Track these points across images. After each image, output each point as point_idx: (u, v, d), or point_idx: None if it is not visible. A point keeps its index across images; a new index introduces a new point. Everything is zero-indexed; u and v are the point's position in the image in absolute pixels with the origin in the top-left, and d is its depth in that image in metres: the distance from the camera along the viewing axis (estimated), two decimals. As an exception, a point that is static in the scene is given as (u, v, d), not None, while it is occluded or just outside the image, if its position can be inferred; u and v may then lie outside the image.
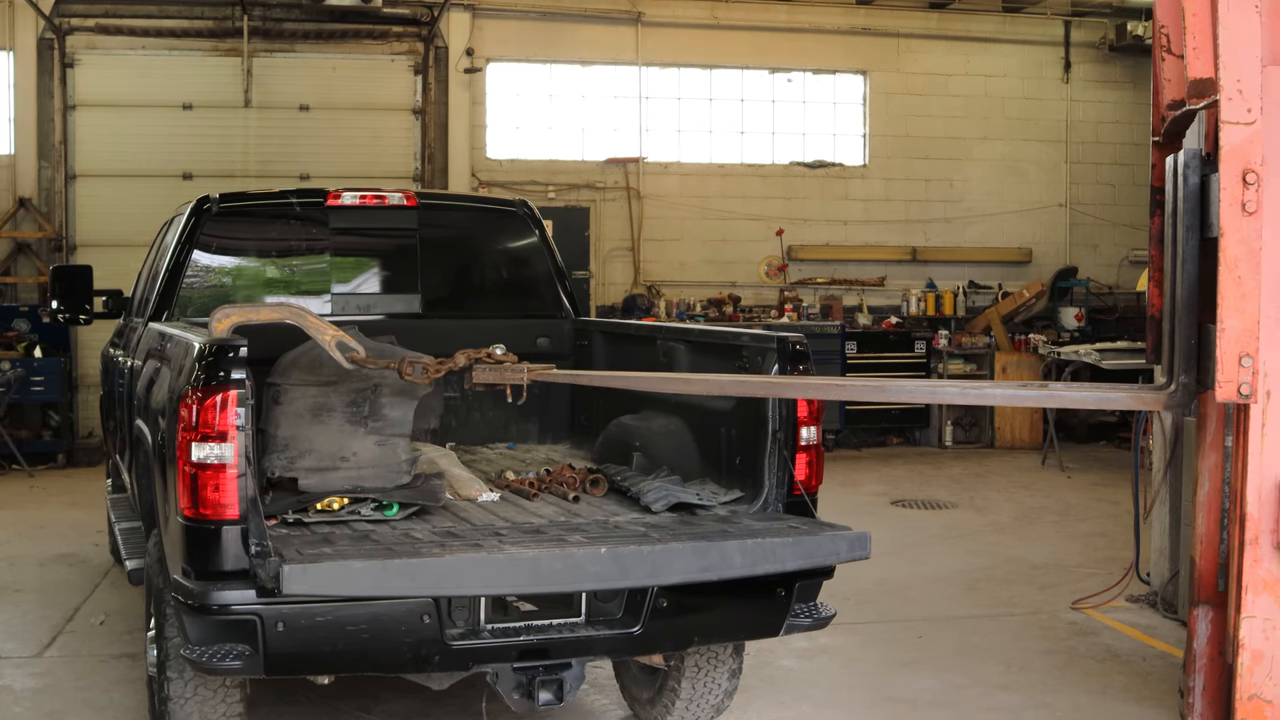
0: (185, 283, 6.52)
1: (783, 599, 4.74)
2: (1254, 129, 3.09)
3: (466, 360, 5.12)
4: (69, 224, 14.15)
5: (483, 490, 5.36)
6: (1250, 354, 3.12)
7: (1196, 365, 3.39)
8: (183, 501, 4.14)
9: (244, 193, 7.31)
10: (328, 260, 6.99)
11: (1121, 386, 3.79)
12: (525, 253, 7.34)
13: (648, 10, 15.25)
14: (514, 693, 4.65)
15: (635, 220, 15.32)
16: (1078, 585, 8.33)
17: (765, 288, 15.78)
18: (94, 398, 12.79)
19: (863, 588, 7.98)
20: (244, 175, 14.08)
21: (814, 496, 5.02)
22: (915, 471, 13.49)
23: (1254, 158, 3.09)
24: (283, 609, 4.09)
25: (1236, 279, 3.11)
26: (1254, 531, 3.18)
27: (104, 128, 14.17)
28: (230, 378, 4.11)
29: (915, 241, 16.17)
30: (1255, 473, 3.18)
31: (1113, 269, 16.69)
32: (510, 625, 4.56)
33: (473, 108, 14.89)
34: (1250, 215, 3.10)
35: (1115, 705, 6.15)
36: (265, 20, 14.37)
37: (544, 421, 7.01)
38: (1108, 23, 16.53)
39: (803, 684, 6.44)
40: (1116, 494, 11.41)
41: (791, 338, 4.96)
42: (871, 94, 16.07)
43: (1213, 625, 3.43)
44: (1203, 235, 3.36)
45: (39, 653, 6.83)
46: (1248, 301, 3.11)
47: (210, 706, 4.65)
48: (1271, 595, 3.17)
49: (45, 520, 10.47)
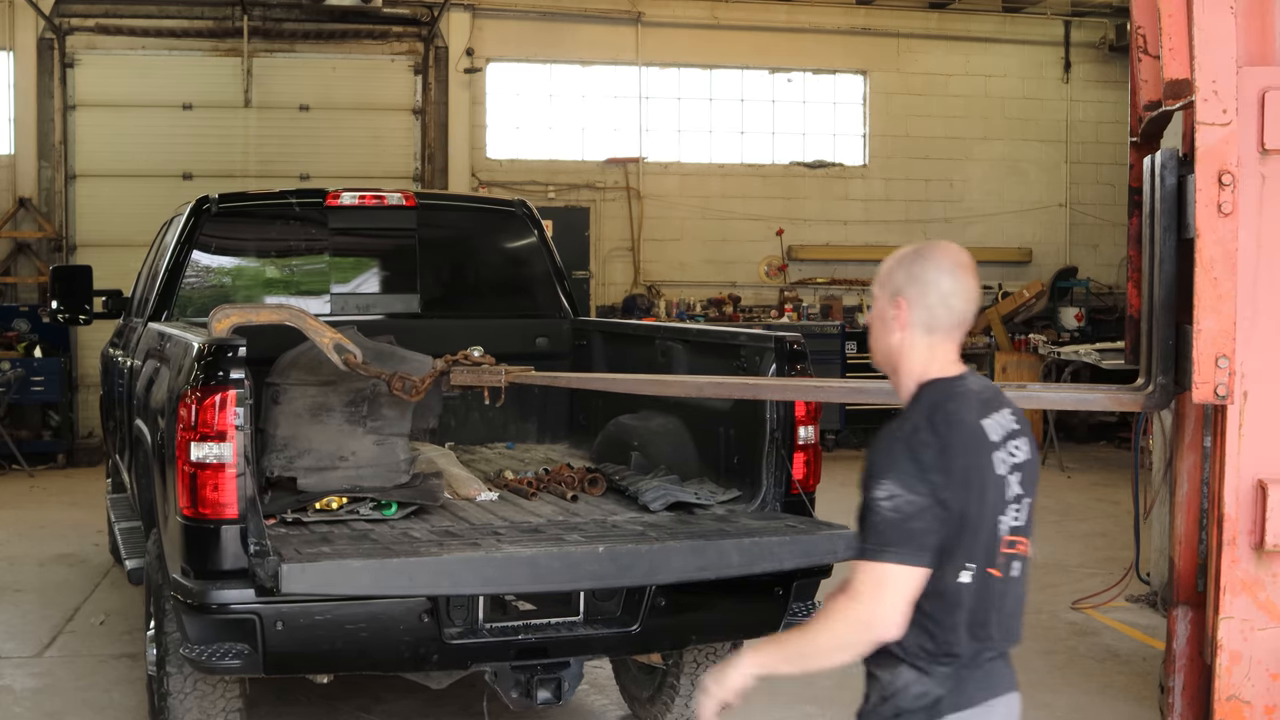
0: (185, 283, 6.53)
1: (780, 598, 4.75)
2: (1229, 130, 3.10)
3: (445, 364, 5.14)
4: (69, 224, 14.16)
5: (481, 489, 5.36)
6: (1227, 355, 3.12)
7: (1174, 366, 3.40)
8: (182, 501, 4.15)
9: (243, 193, 7.33)
10: (327, 260, 7.00)
11: (1099, 387, 3.79)
12: (524, 253, 7.34)
13: (648, 10, 15.25)
14: (513, 691, 4.65)
15: (635, 220, 15.33)
16: (1078, 585, 8.33)
17: (765, 288, 15.79)
18: (94, 398, 12.79)
19: (862, 587, 7.97)
20: (244, 175, 14.08)
21: (812, 496, 5.03)
22: (915, 471, 13.46)
23: (1230, 159, 3.10)
24: (282, 608, 4.09)
25: (1213, 280, 3.11)
26: (1232, 532, 3.18)
27: (104, 128, 14.18)
28: (229, 378, 4.12)
29: (915, 241, 16.14)
30: (1232, 473, 3.19)
31: (1113, 269, 16.69)
32: (509, 624, 4.56)
33: (473, 108, 14.90)
34: (1226, 216, 3.11)
35: (1115, 705, 6.15)
36: (265, 20, 14.38)
37: (542, 421, 7.01)
38: (1108, 23, 16.54)
39: (803, 684, 6.42)
40: (1116, 494, 11.41)
41: (789, 337, 4.96)
42: (871, 94, 16.08)
43: (1192, 626, 3.44)
44: (1180, 236, 3.36)
45: (39, 653, 6.83)
46: (1224, 302, 3.12)
47: (210, 705, 4.66)
48: (1249, 596, 3.18)
49: (45, 520, 10.48)
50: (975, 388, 2.85)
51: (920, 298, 2.81)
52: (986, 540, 2.76)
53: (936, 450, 2.71)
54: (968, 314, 2.84)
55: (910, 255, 2.89)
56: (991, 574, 2.79)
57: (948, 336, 2.84)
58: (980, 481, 2.74)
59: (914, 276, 2.84)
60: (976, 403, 2.82)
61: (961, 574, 2.73)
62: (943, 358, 2.84)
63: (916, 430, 2.74)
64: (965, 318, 2.84)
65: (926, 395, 2.81)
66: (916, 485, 2.67)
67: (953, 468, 2.70)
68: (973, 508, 2.72)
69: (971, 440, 2.77)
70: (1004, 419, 2.85)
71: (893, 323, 2.85)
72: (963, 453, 2.73)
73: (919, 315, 2.81)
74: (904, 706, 2.83)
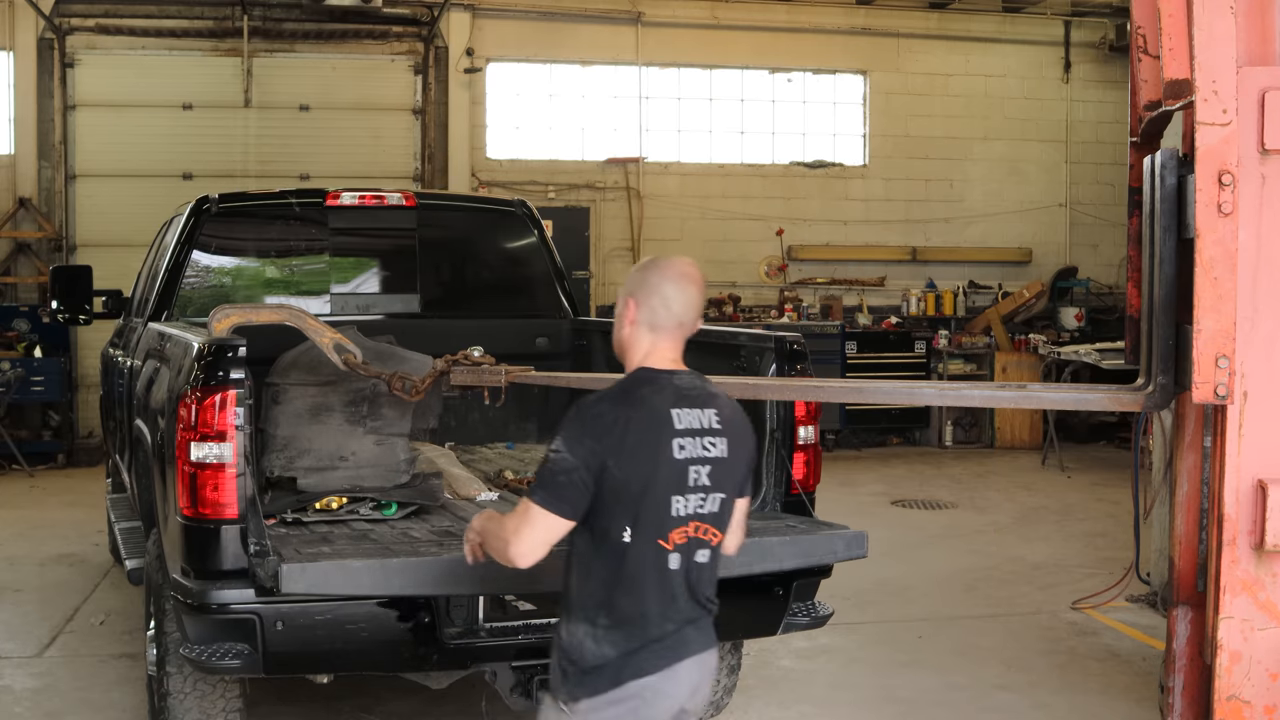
0: (185, 283, 6.53)
1: (781, 598, 4.75)
2: (1230, 130, 3.09)
3: (445, 365, 5.15)
4: (69, 224, 14.16)
5: (481, 489, 5.37)
6: (1227, 355, 3.12)
7: (1174, 366, 3.39)
8: (182, 501, 4.15)
9: (243, 193, 7.33)
10: (327, 260, 7.00)
11: (1099, 387, 3.79)
12: (524, 253, 7.35)
13: (648, 10, 15.25)
14: (512, 692, 4.65)
15: (635, 220, 15.33)
16: (1078, 585, 8.33)
17: (765, 288, 15.79)
18: (94, 398, 12.79)
19: (863, 588, 7.98)
20: (244, 175, 14.07)
21: (812, 495, 5.03)
22: (915, 471, 13.49)
23: (1230, 159, 3.09)
24: (281, 608, 4.10)
25: (1213, 280, 3.11)
26: (1231, 532, 3.18)
27: (104, 128, 14.17)
28: (229, 378, 4.12)
29: (915, 241, 16.17)
30: (1232, 473, 3.18)
31: (1113, 269, 16.68)
32: (508, 624, 4.56)
33: (473, 108, 14.90)
34: (1226, 216, 3.10)
35: (1115, 705, 6.15)
36: (265, 20, 14.38)
37: (543, 421, 7.01)
38: (1108, 23, 16.53)
39: (803, 684, 6.44)
40: (1116, 494, 11.41)
41: (789, 337, 4.97)
42: (871, 94, 16.08)
43: (1192, 626, 3.43)
44: (1180, 236, 3.35)
45: (39, 653, 6.83)
46: (1224, 302, 3.11)
47: (210, 705, 4.66)
48: (1249, 596, 3.18)
49: (45, 520, 10.48)
50: (681, 383, 3.25)
51: (646, 300, 3.25)
52: (655, 512, 3.13)
53: (612, 423, 3.12)
54: (686, 318, 3.27)
55: (646, 264, 3.34)
56: (662, 545, 3.15)
57: (669, 335, 3.26)
58: (652, 458, 3.12)
59: (643, 282, 3.28)
60: (673, 394, 3.21)
61: (624, 534, 3.12)
62: (661, 353, 3.27)
63: (600, 403, 3.17)
64: (684, 320, 3.27)
65: (630, 379, 3.25)
66: (576, 448, 3.09)
67: (628, 441, 3.10)
68: (639, 479, 3.10)
69: (652, 422, 3.15)
70: (703, 415, 3.21)
71: (623, 318, 3.30)
72: (640, 430, 3.12)
73: (644, 315, 3.25)
74: (586, 667, 3.19)
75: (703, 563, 3.24)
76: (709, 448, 3.20)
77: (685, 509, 3.18)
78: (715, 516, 3.24)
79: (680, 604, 3.22)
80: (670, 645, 3.21)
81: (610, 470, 3.08)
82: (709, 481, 3.21)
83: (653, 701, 3.19)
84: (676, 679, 3.21)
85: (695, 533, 3.21)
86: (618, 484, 3.09)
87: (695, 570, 3.23)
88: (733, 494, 3.30)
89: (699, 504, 3.20)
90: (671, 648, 3.21)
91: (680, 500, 3.17)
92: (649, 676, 3.18)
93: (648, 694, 3.18)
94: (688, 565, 3.21)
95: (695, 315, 3.30)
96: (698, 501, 3.19)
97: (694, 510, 3.19)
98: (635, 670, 3.17)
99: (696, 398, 3.24)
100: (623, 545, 3.12)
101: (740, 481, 3.33)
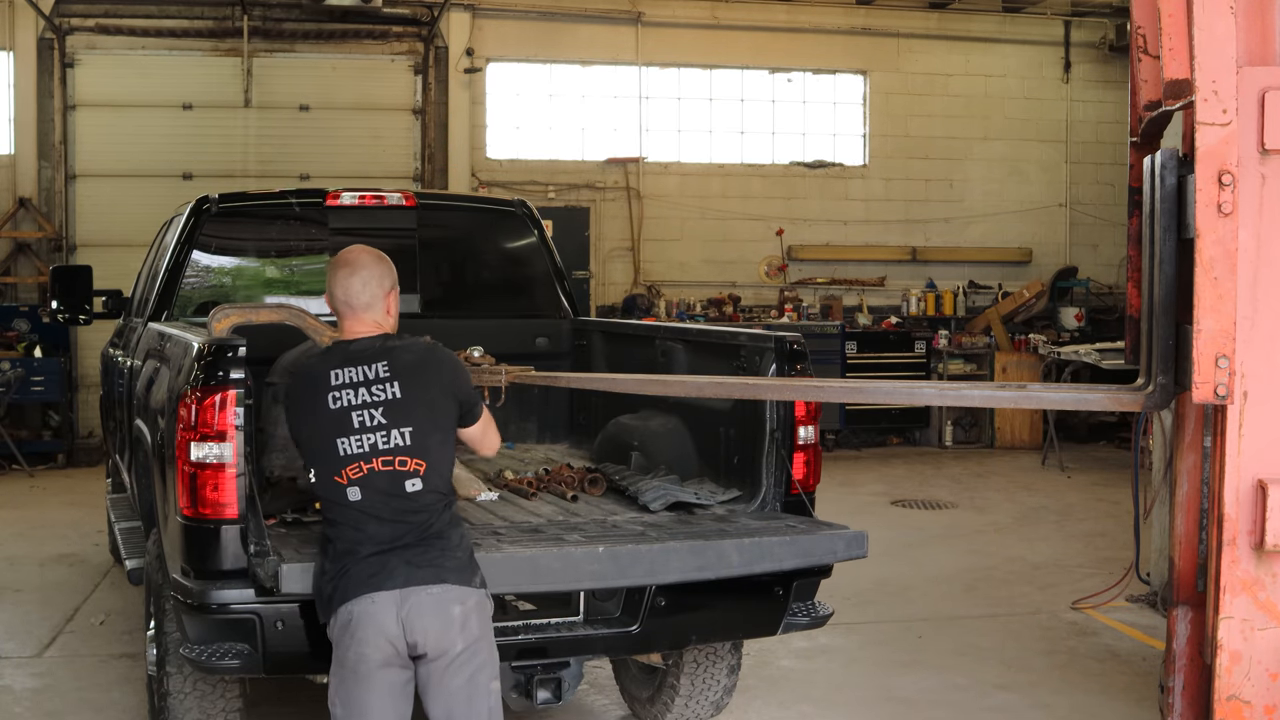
0: (185, 283, 6.53)
1: (780, 598, 4.75)
2: (1229, 130, 3.09)
3: None
4: (69, 224, 14.16)
5: (481, 489, 5.37)
6: (1227, 355, 3.12)
7: (1174, 366, 3.39)
8: (182, 501, 4.15)
9: (243, 193, 7.32)
10: (327, 260, 6.99)
11: (1099, 387, 3.78)
12: (524, 253, 7.34)
13: (648, 10, 15.25)
14: (512, 691, 4.66)
15: (635, 220, 15.33)
16: (1078, 585, 8.33)
17: (765, 288, 15.79)
18: (94, 398, 12.80)
19: (863, 588, 7.98)
20: (244, 175, 14.07)
21: (812, 495, 5.02)
22: (915, 471, 13.49)
23: (1230, 159, 3.09)
24: (282, 608, 4.10)
25: (1213, 280, 3.11)
26: (1232, 532, 3.18)
27: (104, 128, 14.17)
28: (229, 377, 4.12)
29: (915, 241, 16.18)
30: (1233, 473, 3.18)
31: (1113, 269, 16.69)
32: (508, 624, 4.57)
33: (473, 108, 14.90)
34: (1226, 216, 3.10)
35: (1115, 705, 6.15)
36: (265, 20, 14.38)
37: (543, 421, 7.01)
38: (1108, 23, 16.53)
39: (802, 684, 6.44)
40: (1116, 494, 11.41)
41: (789, 337, 4.96)
42: (871, 94, 16.08)
43: (1192, 626, 3.43)
44: (1180, 236, 3.35)
45: (39, 653, 6.83)
46: (1224, 302, 3.11)
47: (210, 705, 4.66)
48: (1249, 596, 3.17)
49: (45, 520, 10.48)
50: (355, 346, 3.86)
51: (330, 284, 3.94)
52: (325, 456, 3.73)
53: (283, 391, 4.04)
54: (349, 298, 3.90)
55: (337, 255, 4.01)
56: (338, 481, 3.70)
57: (350, 312, 3.92)
58: (312, 412, 3.78)
59: (330, 269, 3.99)
60: (341, 357, 3.83)
61: (311, 475, 3.79)
62: (349, 327, 3.94)
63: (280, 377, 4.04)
64: (349, 300, 3.91)
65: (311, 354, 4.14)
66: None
67: (295, 401, 3.88)
68: (305, 429, 3.82)
69: (309, 383, 3.82)
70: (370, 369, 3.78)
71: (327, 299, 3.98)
72: (300, 391, 3.86)
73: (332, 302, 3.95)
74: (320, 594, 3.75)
75: (414, 490, 3.70)
76: (378, 393, 3.75)
77: (353, 448, 3.70)
78: (408, 448, 3.72)
79: (370, 531, 3.67)
80: (369, 573, 3.63)
81: (292, 425, 3.88)
82: (385, 419, 3.73)
83: (359, 628, 3.59)
84: (376, 606, 3.59)
85: (383, 466, 3.70)
86: (296, 436, 3.87)
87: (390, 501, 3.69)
88: (427, 425, 3.77)
89: (379, 441, 3.71)
90: (372, 575, 3.62)
91: (345, 441, 3.71)
92: (349, 602, 3.62)
93: (352, 620, 3.60)
94: (374, 497, 3.68)
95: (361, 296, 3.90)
96: (376, 440, 3.71)
97: (369, 448, 3.71)
98: (341, 595, 3.65)
99: (365, 355, 3.81)
100: (310, 481, 3.80)
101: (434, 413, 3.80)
